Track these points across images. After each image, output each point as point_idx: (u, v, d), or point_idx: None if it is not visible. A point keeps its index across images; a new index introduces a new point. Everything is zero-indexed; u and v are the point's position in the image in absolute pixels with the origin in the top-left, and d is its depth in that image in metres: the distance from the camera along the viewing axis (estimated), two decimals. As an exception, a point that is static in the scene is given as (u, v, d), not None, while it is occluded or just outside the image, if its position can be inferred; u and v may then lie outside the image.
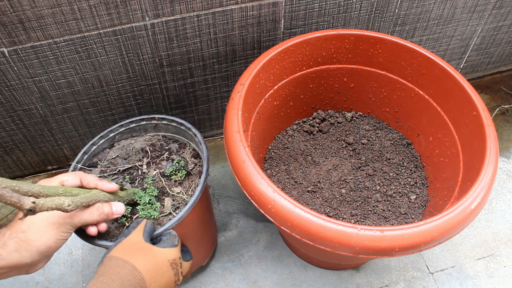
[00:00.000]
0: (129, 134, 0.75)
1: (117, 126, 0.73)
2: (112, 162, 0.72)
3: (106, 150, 0.73)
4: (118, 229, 0.63)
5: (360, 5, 0.85)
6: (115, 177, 0.70)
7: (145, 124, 0.74)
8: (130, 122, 0.73)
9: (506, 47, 1.11)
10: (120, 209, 0.57)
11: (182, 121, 0.71)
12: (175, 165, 0.69)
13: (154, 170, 0.70)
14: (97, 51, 0.75)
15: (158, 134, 0.75)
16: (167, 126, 0.74)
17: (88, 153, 0.70)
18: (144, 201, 0.64)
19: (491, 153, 0.61)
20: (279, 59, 0.76)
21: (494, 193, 0.96)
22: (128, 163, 0.71)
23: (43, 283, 0.83)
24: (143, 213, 0.63)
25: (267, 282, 0.82)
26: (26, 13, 0.66)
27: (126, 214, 0.63)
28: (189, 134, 0.72)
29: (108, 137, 0.72)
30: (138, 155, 0.72)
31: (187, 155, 0.72)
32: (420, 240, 0.53)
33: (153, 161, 0.71)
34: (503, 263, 0.86)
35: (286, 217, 0.55)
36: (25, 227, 0.50)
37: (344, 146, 0.88)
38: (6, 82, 0.75)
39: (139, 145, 0.74)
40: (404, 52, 0.77)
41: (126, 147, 0.74)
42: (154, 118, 0.73)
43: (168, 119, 0.73)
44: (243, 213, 0.92)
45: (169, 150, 0.73)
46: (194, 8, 0.74)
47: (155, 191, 0.66)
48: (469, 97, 0.68)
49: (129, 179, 0.69)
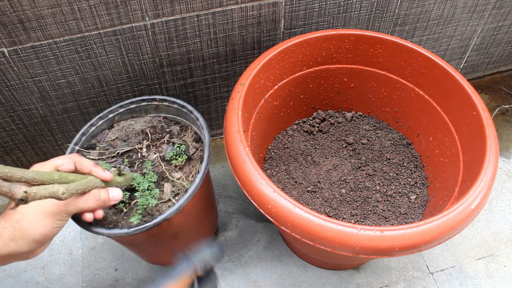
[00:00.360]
0: (129, 115, 0.72)
1: (116, 106, 0.70)
2: (111, 144, 0.69)
3: (105, 131, 0.71)
4: (115, 215, 0.62)
5: (360, 5, 0.85)
6: (114, 160, 0.68)
7: (145, 105, 0.72)
8: (130, 102, 0.71)
9: (506, 47, 1.11)
10: (117, 195, 0.56)
11: (184, 103, 0.69)
12: (176, 149, 0.67)
13: (154, 154, 0.68)
14: (97, 51, 0.75)
15: (159, 115, 0.73)
16: (168, 108, 0.72)
17: (86, 134, 0.68)
18: (142, 188, 0.62)
19: (491, 153, 0.61)
20: (279, 59, 0.76)
21: (494, 193, 0.96)
22: (127, 146, 0.69)
23: (43, 283, 0.83)
24: (142, 200, 0.61)
25: (267, 282, 0.82)
26: (26, 13, 0.66)
27: (124, 200, 0.62)
28: (191, 117, 0.69)
29: (107, 117, 0.70)
30: (138, 137, 0.70)
31: (189, 139, 0.70)
32: (420, 240, 0.53)
33: (153, 144, 0.69)
34: (503, 263, 0.86)
35: (286, 217, 0.55)
36: (19, 216, 0.49)
37: (344, 146, 0.88)
38: (6, 82, 0.75)
39: (139, 127, 0.71)
40: (404, 52, 0.77)
41: (126, 128, 0.71)
42: (155, 99, 0.71)
43: (169, 100, 0.71)
44: (243, 213, 0.92)
45: (170, 132, 0.71)
46: (194, 8, 0.74)
47: (154, 176, 0.64)
48: (469, 97, 0.68)
49: (128, 162, 0.67)
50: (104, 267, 0.84)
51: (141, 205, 0.61)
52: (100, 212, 0.55)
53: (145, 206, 0.61)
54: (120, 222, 0.62)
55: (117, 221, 0.62)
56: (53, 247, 0.87)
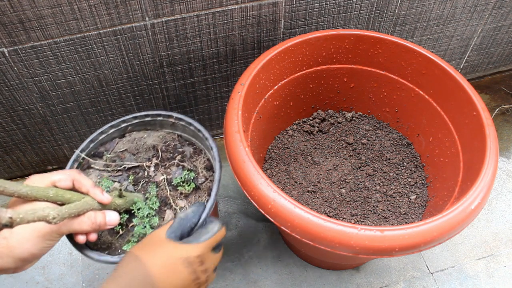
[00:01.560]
0: (143, 126, 0.69)
1: (130, 117, 0.67)
2: (119, 156, 0.66)
3: (116, 140, 0.68)
4: (111, 236, 0.59)
5: (360, 5, 0.85)
6: (119, 174, 0.65)
7: (161, 120, 0.68)
8: (146, 115, 0.67)
9: (506, 47, 1.11)
10: (114, 219, 0.53)
11: (200, 127, 0.66)
12: (184, 176, 0.63)
13: (162, 175, 0.64)
14: (97, 51, 0.75)
15: (174, 132, 0.69)
16: (184, 128, 0.68)
17: (95, 142, 0.66)
18: (141, 214, 0.59)
19: (491, 153, 0.61)
20: (279, 59, 0.76)
21: (494, 193, 0.96)
22: (135, 161, 0.66)
23: (43, 283, 0.83)
24: (138, 228, 0.58)
25: (267, 282, 0.82)
26: (26, 13, 0.66)
27: (122, 222, 0.58)
28: (206, 144, 0.66)
29: (120, 127, 0.67)
30: (148, 152, 0.67)
31: (200, 165, 0.66)
32: (420, 240, 0.53)
33: (162, 164, 0.66)
34: (503, 263, 0.86)
35: (286, 217, 0.55)
36: (7, 233, 0.46)
37: (344, 146, 0.88)
38: (6, 82, 0.75)
39: (151, 141, 0.68)
40: (404, 52, 0.77)
41: (137, 140, 0.68)
42: (171, 116, 0.67)
43: (185, 120, 0.67)
44: (243, 213, 0.92)
45: (183, 153, 0.67)
46: (194, 8, 0.74)
47: (157, 203, 0.60)
48: (469, 97, 0.68)
49: (133, 180, 0.64)
50: (104, 267, 0.85)
51: (137, 233, 0.58)
52: (94, 235, 0.53)
53: (141, 234, 0.58)
54: (114, 245, 0.59)
55: (111, 242, 0.59)
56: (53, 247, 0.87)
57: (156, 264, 0.46)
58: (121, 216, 0.58)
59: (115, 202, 0.54)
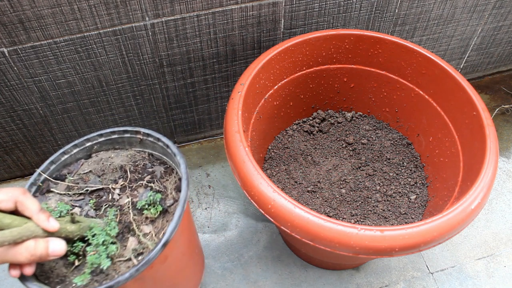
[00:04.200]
0: (111, 145, 0.64)
1: (95, 135, 0.62)
2: (83, 178, 0.61)
3: (81, 161, 0.62)
4: (65, 267, 0.52)
5: (360, 5, 0.85)
6: (81, 198, 0.59)
7: (129, 137, 0.63)
8: (112, 132, 0.62)
9: (506, 47, 1.11)
10: (58, 249, 0.45)
11: (168, 143, 0.59)
12: (149, 198, 0.56)
13: (127, 198, 0.58)
14: (97, 51, 0.75)
15: (144, 150, 0.63)
16: (154, 144, 0.62)
17: (56, 163, 0.60)
18: (96, 242, 0.51)
19: (491, 153, 0.61)
20: (279, 59, 0.76)
21: (494, 193, 0.96)
22: (100, 183, 0.60)
23: (43, 283, 0.82)
24: (91, 258, 0.50)
25: (267, 282, 0.82)
26: (26, 13, 0.66)
27: (77, 252, 0.51)
28: (175, 161, 0.59)
29: (84, 146, 0.62)
30: (115, 173, 0.61)
31: (170, 185, 0.60)
32: (420, 240, 0.53)
33: (129, 185, 0.60)
34: (503, 263, 0.85)
35: (286, 217, 0.55)
36: None
37: (344, 146, 0.88)
38: (6, 82, 0.75)
39: (119, 161, 0.62)
40: (404, 52, 0.77)
41: (104, 161, 0.62)
42: (139, 132, 0.62)
43: (153, 136, 0.61)
44: (243, 213, 0.92)
45: (153, 173, 0.61)
46: (194, 8, 0.74)
47: (115, 229, 0.53)
48: (469, 97, 0.68)
49: (94, 204, 0.58)
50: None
51: (90, 264, 0.50)
52: (29, 269, 0.45)
53: (96, 265, 0.50)
54: (68, 278, 0.52)
55: (65, 275, 0.52)
56: (53, 247, 0.87)
57: None
58: (75, 245, 0.51)
59: (66, 228, 0.48)
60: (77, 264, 0.52)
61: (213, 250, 0.86)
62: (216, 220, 0.91)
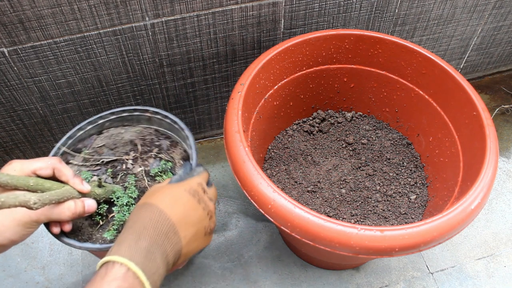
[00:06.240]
0: (120, 122, 0.70)
1: (107, 113, 0.68)
2: (97, 151, 0.67)
3: (93, 137, 0.68)
4: (91, 227, 0.60)
5: (360, 5, 0.85)
6: (98, 169, 0.66)
7: (138, 115, 0.70)
8: (122, 111, 0.68)
9: (506, 47, 1.11)
10: (92, 206, 0.54)
11: (176, 120, 0.67)
12: (161, 166, 0.64)
13: (140, 167, 0.66)
14: (97, 51, 0.75)
15: (150, 127, 0.70)
16: (161, 121, 0.70)
17: (73, 138, 0.66)
18: (121, 203, 0.60)
19: (491, 153, 0.61)
20: (279, 59, 0.76)
21: (494, 193, 0.96)
22: (113, 155, 0.67)
23: (43, 283, 0.83)
24: (119, 216, 0.59)
25: (267, 282, 0.82)
26: (26, 13, 0.66)
27: (101, 213, 0.59)
28: (182, 135, 0.67)
29: (97, 123, 0.68)
30: (125, 147, 0.68)
31: (177, 156, 0.67)
32: (420, 240, 0.53)
33: (140, 157, 0.67)
34: (503, 263, 0.86)
35: (286, 217, 0.55)
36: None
37: (344, 146, 0.88)
38: (6, 82, 0.75)
39: (128, 136, 0.69)
40: (404, 52, 0.77)
41: (114, 136, 0.68)
42: (148, 110, 0.69)
43: (162, 114, 0.68)
44: (243, 213, 0.92)
45: (159, 146, 0.68)
46: (194, 8, 0.74)
47: (135, 192, 0.62)
48: (469, 97, 0.68)
49: (111, 173, 0.65)
50: (104, 267, 0.84)
51: (118, 221, 0.59)
52: (68, 225, 0.54)
53: (121, 222, 0.59)
54: (94, 235, 0.59)
55: (91, 233, 0.59)
56: (53, 247, 0.87)
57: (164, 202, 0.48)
58: (100, 206, 0.59)
59: (94, 191, 0.56)
60: (101, 223, 0.60)
61: (213, 250, 0.86)
62: (216, 220, 0.91)
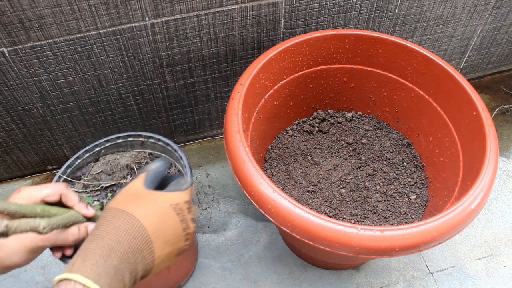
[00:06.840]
0: (115, 149, 0.74)
1: (103, 140, 0.72)
2: (96, 177, 0.71)
3: (91, 164, 0.72)
4: None
5: (360, 5, 0.85)
6: (98, 194, 0.69)
7: (132, 141, 0.73)
8: (117, 137, 0.73)
9: (506, 47, 1.11)
10: None
11: (169, 142, 0.71)
12: None
13: None
14: (97, 51, 0.75)
15: (144, 151, 0.74)
16: (154, 145, 0.73)
17: (72, 167, 0.70)
18: None
19: (491, 153, 0.61)
20: (279, 59, 0.76)
21: (494, 193, 0.96)
22: (112, 180, 0.71)
23: (43, 283, 0.83)
24: None
25: (267, 282, 0.82)
26: (26, 13, 0.66)
27: None
28: (175, 156, 0.70)
29: (94, 151, 0.72)
30: (122, 171, 0.72)
31: None
32: (420, 240, 0.53)
33: None
34: (503, 263, 0.86)
35: (286, 217, 0.55)
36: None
37: (344, 146, 0.88)
38: (6, 82, 0.75)
39: (124, 161, 0.73)
40: (404, 52, 0.77)
41: (111, 162, 0.73)
42: (141, 135, 0.73)
43: (154, 137, 0.72)
44: (243, 213, 0.92)
45: None
46: (194, 8, 0.74)
47: None
48: (469, 97, 0.68)
49: (111, 196, 0.68)
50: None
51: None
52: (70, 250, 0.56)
53: None
54: None
55: None
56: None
57: (144, 213, 0.45)
58: None
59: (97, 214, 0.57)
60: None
61: (213, 250, 0.86)
62: (216, 220, 0.91)
